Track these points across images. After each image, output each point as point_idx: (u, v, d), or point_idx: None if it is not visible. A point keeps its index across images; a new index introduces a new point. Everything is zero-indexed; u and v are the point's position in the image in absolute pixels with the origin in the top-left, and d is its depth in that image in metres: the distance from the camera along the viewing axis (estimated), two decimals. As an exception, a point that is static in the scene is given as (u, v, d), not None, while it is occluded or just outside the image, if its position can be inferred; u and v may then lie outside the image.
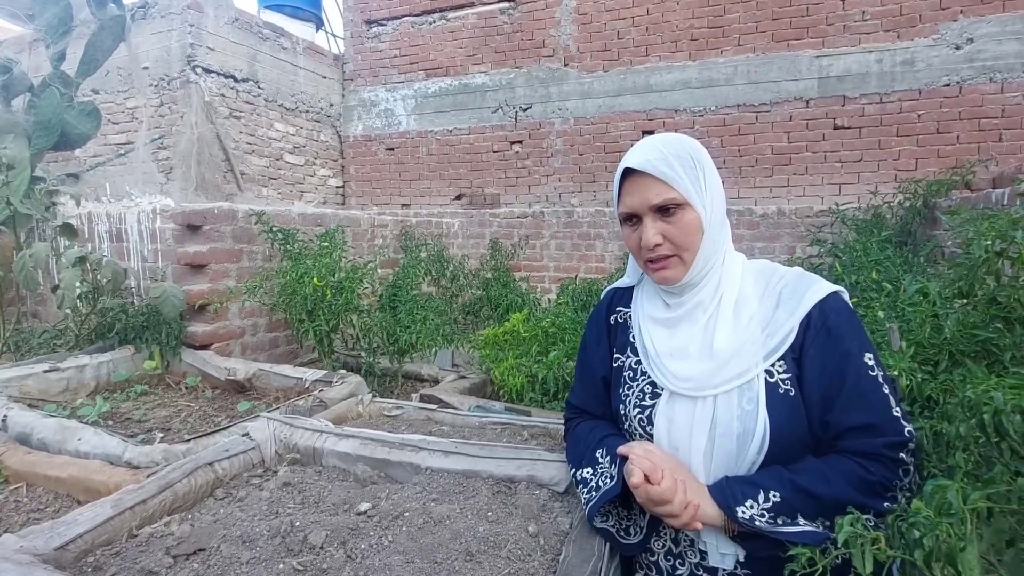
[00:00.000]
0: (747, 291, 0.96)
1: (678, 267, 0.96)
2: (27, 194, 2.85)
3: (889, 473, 0.83)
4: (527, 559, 0.98)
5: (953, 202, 3.44)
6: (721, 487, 0.88)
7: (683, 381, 0.94)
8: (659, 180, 0.92)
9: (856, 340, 0.89)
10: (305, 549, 1.01)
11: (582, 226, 5.20)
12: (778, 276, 0.97)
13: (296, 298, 2.81)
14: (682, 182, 0.92)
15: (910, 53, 4.57)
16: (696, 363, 0.94)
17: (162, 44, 5.07)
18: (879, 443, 0.83)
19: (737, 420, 0.89)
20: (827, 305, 0.90)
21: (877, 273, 2.75)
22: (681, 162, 0.93)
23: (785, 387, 0.89)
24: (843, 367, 0.87)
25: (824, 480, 0.83)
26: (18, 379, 2.19)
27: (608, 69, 5.52)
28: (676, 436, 0.93)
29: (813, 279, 0.94)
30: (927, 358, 1.43)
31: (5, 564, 0.88)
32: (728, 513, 0.85)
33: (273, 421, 1.49)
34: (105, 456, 1.61)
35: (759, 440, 0.87)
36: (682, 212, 0.93)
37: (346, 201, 6.82)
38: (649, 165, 0.93)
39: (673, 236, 0.94)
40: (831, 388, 0.87)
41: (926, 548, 0.60)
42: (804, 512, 0.83)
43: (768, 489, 0.84)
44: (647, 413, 0.97)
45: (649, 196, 0.93)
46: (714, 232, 0.95)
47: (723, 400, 0.90)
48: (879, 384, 0.86)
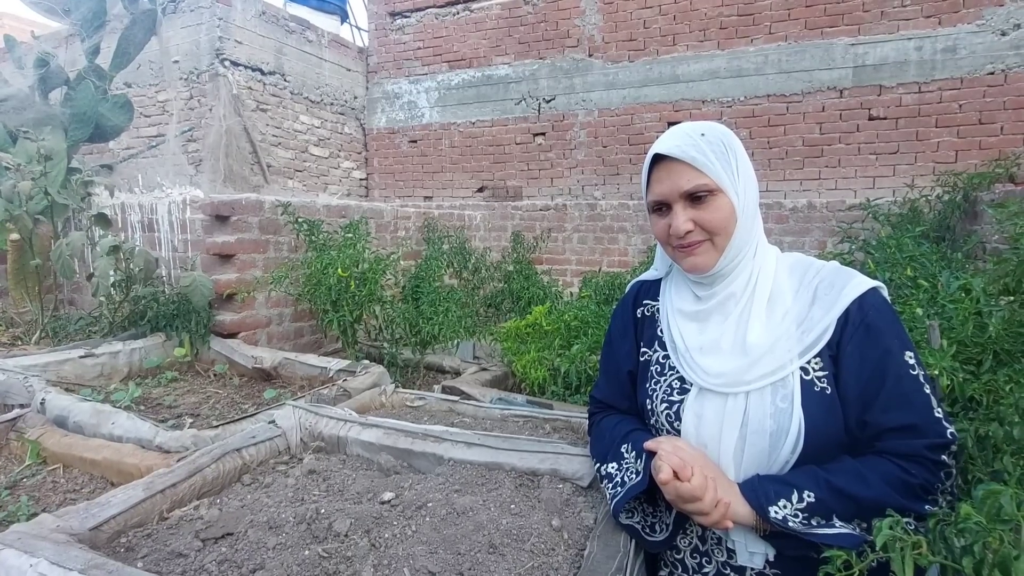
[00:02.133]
0: (781, 285, 0.93)
1: (709, 253, 0.93)
2: (64, 185, 2.94)
3: (930, 475, 0.79)
4: (551, 553, 0.97)
5: (996, 196, 3.30)
6: (753, 486, 0.85)
7: (714, 377, 0.91)
8: (689, 166, 0.90)
9: (897, 338, 0.85)
10: (330, 536, 1.02)
11: (605, 219, 5.14)
12: (814, 270, 0.93)
13: (321, 288, 2.84)
14: (714, 168, 0.89)
15: (952, 40, 4.38)
16: (728, 359, 0.91)
17: (191, 38, 5.16)
18: (921, 444, 0.80)
19: (771, 418, 0.86)
20: (866, 301, 0.87)
21: (912, 270, 2.66)
22: (712, 148, 0.90)
23: (821, 385, 0.86)
24: (883, 365, 0.83)
25: (862, 481, 0.80)
26: (56, 364, 2.26)
27: (634, 59, 5.43)
28: (705, 433, 0.91)
29: (851, 274, 0.90)
30: (969, 357, 1.37)
31: (43, 543, 0.90)
32: (760, 513, 0.82)
33: (299, 409, 1.51)
34: (137, 440, 1.65)
35: (793, 439, 0.84)
36: (713, 198, 0.90)
37: (369, 193, 6.88)
38: (679, 151, 0.90)
39: (705, 222, 0.91)
40: (870, 387, 0.84)
41: (976, 555, 0.57)
42: (840, 514, 0.80)
43: (802, 489, 0.81)
44: (675, 408, 0.95)
45: (680, 183, 0.91)
46: (747, 220, 0.92)
47: (756, 397, 0.87)
48: (920, 384, 0.83)
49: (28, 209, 2.82)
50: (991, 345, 1.32)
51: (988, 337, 1.33)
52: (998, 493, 0.59)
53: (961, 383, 1.27)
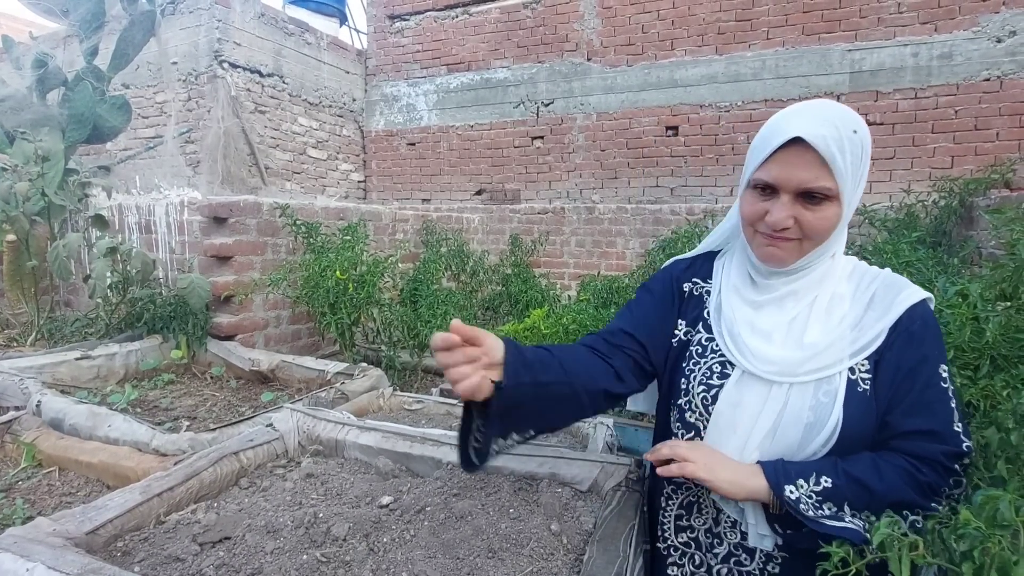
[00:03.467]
0: (841, 290, 0.93)
1: (792, 252, 0.89)
2: (61, 185, 2.93)
3: (939, 479, 0.81)
4: (550, 558, 0.97)
5: (992, 201, 3.32)
6: (775, 465, 0.86)
7: (765, 363, 0.90)
8: (822, 163, 0.82)
9: (935, 349, 0.87)
10: (328, 541, 1.02)
11: (603, 223, 5.15)
12: (870, 276, 0.94)
13: (319, 291, 2.84)
14: (845, 174, 0.82)
15: (948, 46, 4.41)
16: (780, 350, 0.90)
17: (190, 39, 5.16)
18: (937, 450, 0.82)
19: (810, 410, 0.86)
20: (916, 311, 0.88)
21: (909, 275, 2.67)
22: (852, 149, 0.82)
23: (864, 387, 0.87)
24: (916, 373, 0.85)
25: (877, 473, 0.82)
26: (51, 366, 2.25)
27: (632, 63, 5.45)
28: (740, 417, 0.90)
29: (905, 283, 0.92)
30: (966, 363, 1.37)
31: (39, 547, 0.90)
32: (776, 490, 0.83)
33: (296, 412, 1.50)
34: (134, 443, 1.65)
35: (827, 434, 0.85)
36: (828, 204, 0.84)
37: (367, 195, 6.87)
38: (823, 143, 0.81)
39: (808, 224, 0.85)
40: (900, 390, 0.86)
41: (976, 561, 0.57)
42: (852, 503, 0.82)
43: (820, 474, 0.83)
44: (712, 392, 0.93)
45: (805, 177, 0.83)
46: (842, 231, 0.91)
47: (798, 390, 0.88)
48: (948, 396, 0.85)
49: (25, 210, 2.81)
50: (988, 351, 1.32)
51: (985, 343, 1.33)
52: (996, 498, 0.60)
53: (959, 388, 1.27)
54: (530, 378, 0.87)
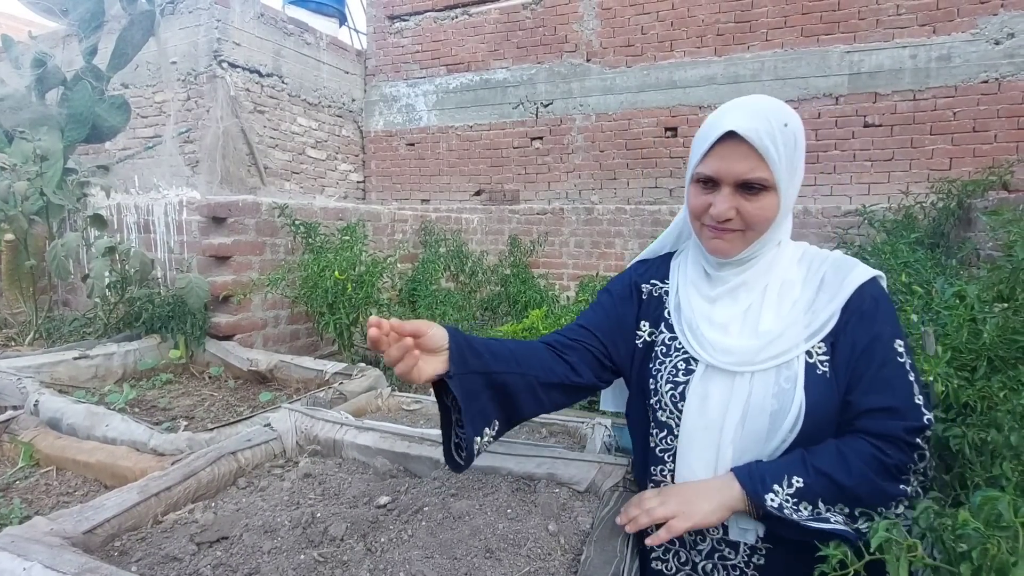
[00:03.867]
0: (791, 276, 0.95)
1: (737, 243, 0.92)
2: (60, 185, 2.93)
3: (904, 456, 0.83)
4: (547, 558, 0.97)
5: (990, 203, 3.33)
6: (749, 471, 0.87)
7: (724, 354, 0.92)
8: (757, 154, 0.85)
9: (888, 325, 0.89)
10: (326, 541, 1.02)
11: (602, 223, 5.15)
12: (820, 259, 0.96)
13: (317, 291, 2.83)
14: (779, 164, 0.86)
15: (946, 48, 4.42)
16: (737, 340, 0.92)
17: (190, 39, 5.15)
18: (898, 426, 0.83)
19: (773, 398, 0.88)
20: (865, 290, 0.90)
21: (907, 276, 2.67)
22: (785, 140, 0.86)
23: (823, 368, 0.89)
24: (871, 350, 0.87)
25: (844, 464, 0.83)
26: (49, 365, 2.24)
27: (631, 65, 5.45)
28: (709, 412, 0.91)
29: (854, 263, 0.94)
30: (964, 363, 1.37)
31: (36, 546, 0.90)
32: (756, 500, 0.85)
33: (294, 412, 1.50)
34: (132, 442, 1.64)
35: (792, 419, 0.86)
36: (765, 194, 0.88)
37: (366, 196, 6.87)
38: (756, 136, 0.84)
39: (748, 214, 0.89)
40: (858, 370, 0.87)
41: (974, 562, 0.57)
42: (824, 497, 0.83)
43: (792, 474, 0.85)
44: (680, 389, 0.95)
45: (741, 168, 0.87)
46: (784, 219, 0.93)
47: (760, 378, 0.89)
48: (905, 371, 0.86)
49: (23, 209, 2.80)
50: (985, 352, 1.32)
51: (982, 344, 1.33)
52: (995, 499, 0.60)
53: (956, 389, 1.27)
54: (479, 366, 0.91)
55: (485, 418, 0.94)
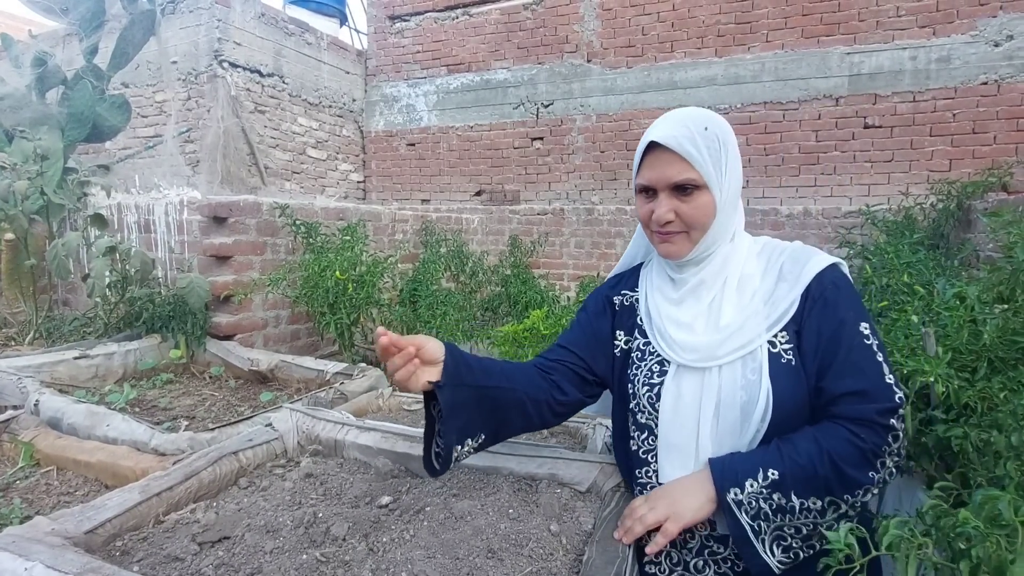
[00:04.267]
0: (750, 269, 0.98)
1: (684, 243, 0.98)
2: (60, 184, 2.93)
3: (879, 439, 0.84)
4: (549, 558, 0.97)
5: (989, 204, 3.33)
6: (723, 463, 0.90)
7: (689, 352, 0.96)
8: (682, 158, 0.93)
9: (852, 310, 0.91)
10: (328, 540, 1.02)
11: (602, 224, 5.15)
12: (779, 251, 0.99)
13: (318, 291, 2.83)
14: (704, 164, 0.93)
15: (946, 50, 4.43)
16: (701, 336, 0.96)
17: (190, 39, 5.15)
18: (871, 409, 0.85)
19: (741, 389, 0.91)
20: (825, 277, 0.93)
21: (909, 276, 2.67)
22: (707, 142, 0.93)
23: (787, 357, 0.91)
24: (838, 336, 0.89)
25: (819, 453, 0.85)
26: (50, 365, 2.24)
27: (632, 65, 5.46)
28: (683, 409, 0.95)
29: (812, 252, 0.97)
30: (964, 364, 1.38)
31: (38, 546, 0.90)
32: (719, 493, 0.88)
33: (296, 412, 1.50)
34: (132, 442, 1.64)
35: (762, 408, 0.89)
36: (699, 193, 0.94)
37: (367, 196, 6.87)
38: (675, 142, 0.92)
39: (685, 215, 0.95)
40: (826, 356, 0.89)
41: (974, 559, 0.57)
42: (797, 489, 0.85)
43: (768, 467, 0.86)
44: (655, 390, 0.99)
45: (670, 173, 0.94)
46: (725, 215, 0.97)
47: (728, 371, 0.92)
48: (873, 352, 0.88)
49: (24, 209, 2.80)
50: (985, 353, 1.33)
51: (983, 345, 1.34)
52: (996, 498, 0.60)
53: (956, 390, 1.28)
54: (471, 380, 0.97)
55: (469, 429, 1.00)
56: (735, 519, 0.87)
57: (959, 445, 0.93)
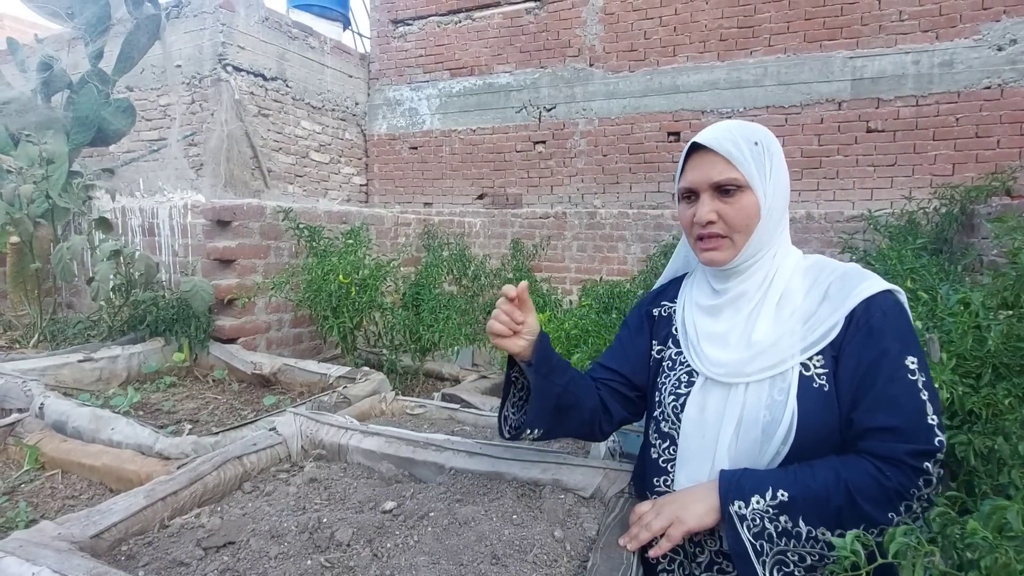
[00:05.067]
0: (794, 286, 0.95)
1: (728, 249, 0.95)
2: (65, 188, 2.94)
3: (907, 480, 0.79)
4: (553, 564, 0.97)
5: (993, 209, 3.33)
6: (730, 475, 0.88)
7: (717, 366, 0.94)
8: (723, 159, 0.92)
9: (898, 341, 0.85)
10: (332, 546, 1.02)
11: (605, 228, 5.15)
12: (829, 270, 0.95)
13: (321, 294, 2.84)
14: (747, 164, 0.92)
15: (949, 54, 4.42)
16: (733, 351, 0.94)
17: (194, 43, 5.18)
18: (902, 448, 0.79)
19: (766, 409, 0.88)
20: (874, 303, 0.87)
21: (912, 282, 2.67)
22: (749, 145, 0.92)
23: (820, 382, 0.87)
24: (877, 366, 0.84)
25: (837, 485, 0.81)
26: (54, 368, 2.25)
27: (634, 69, 5.46)
28: (706, 422, 0.94)
29: (865, 276, 0.91)
30: (968, 371, 1.37)
31: (44, 551, 0.90)
32: (723, 502, 0.86)
33: (299, 416, 1.50)
34: (137, 446, 1.65)
35: (784, 430, 0.86)
36: (741, 194, 0.92)
37: (369, 199, 6.89)
38: (716, 143, 0.92)
39: (728, 216, 0.93)
40: (862, 387, 0.85)
41: (983, 570, 0.57)
42: (807, 515, 0.82)
43: (778, 487, 0.84)
44: (681, 400, 0.97)
45: (711, 173, 0.93)
46: (771, 222, 0.94)
47: (754, 389, 0.90)
48: (916, 389, 0.82)
49: (29, 212, 2.82)
50: (990, 359, 1.32)
51: (987, 351, 1.33)
52: (1004, 508, 0.60)
53: (961, 396, 1.27)
54: (547, 369, 0.99)
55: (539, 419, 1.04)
56: (736, 533, 0.84)
57: (963, 453, 0.92)
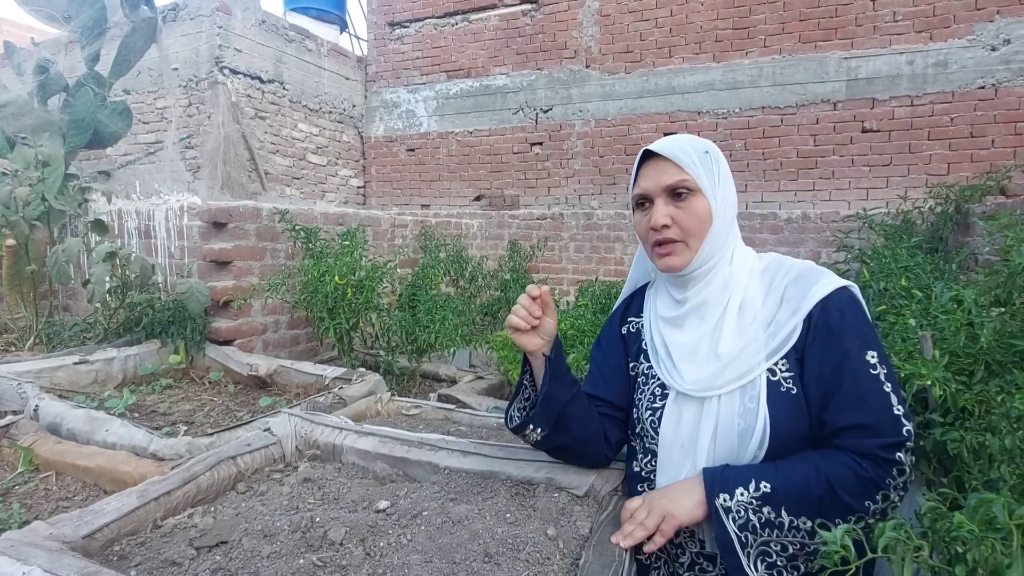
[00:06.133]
0: (752, 291, 0.97)
1: (683, 254, 0.97)
2: (61, 190, 2.94)
3: (882, 472, 0.82)
4: (546, 562, 0.97)
5: (987, 208, 3.34)
6: (714, 471, 0.90)
7: (688, 382, 0.96)
8: (675, 164, 0.96)
9: (858, 338, 0.88)
10: (325, 545, 1.02)
11: (601, 228, 5.16)
12: (783, 271, 0.97)
13: (317, 296, 2.84)
14: (696, 168, 0.95)
15: (943, 54, 4.44)
16: (703, 365, 0.95)
17: (191, 45, 5.18)
18: (874, 444, 0.83)
19: (739, 417, 0.90)
20: (830, 303, 0.90)
21: (907, 280, 2.68)
22: (698, 153, 0.97)
23: (787, 386, 0.90)
24: (841, 367, 0.87)
25: (816, 476, 0.84)
26: (49, 370, 2.25)
27: (630, 71, 5.48)
28: (682, 434, 0.95)
29: (819, 275, 0.93)
30: (961, 368, 1.38)
31: (36, 550, 0.90)
32: (708, 496, 0.87)
33: (294, 417, 1.50)
34: (131, 447, 1.64)
35: (759, 436, 0.88)
36: (693, 198, 0.95)
37: (366, 201, 6.89)
38: (667, 149, 0.97)
39: (682, 220, 0.96)
40: (829, 388, 0.87)
41: (969, 563, 0.58)
42: (789, 506, 0.84)
43: (760, 479, 0.86)
44: (657, 414, 1.00)
45: (663, 178, 0.97)
46: (723, 226, 0.97)
47: (727, 399, 0.92)
48: (879, 383, 0.85)
49: (25, 215, 2.81)
50: (983, 356, 1.33)
51: (980, 348, 1.34)
52: (990, 502, 0.60)
53: (954, 393, 1.28)
54: (559, 371, 1.03)
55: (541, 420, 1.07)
56: (722, 526, 0.86)
57: (955, 449, 0.93)
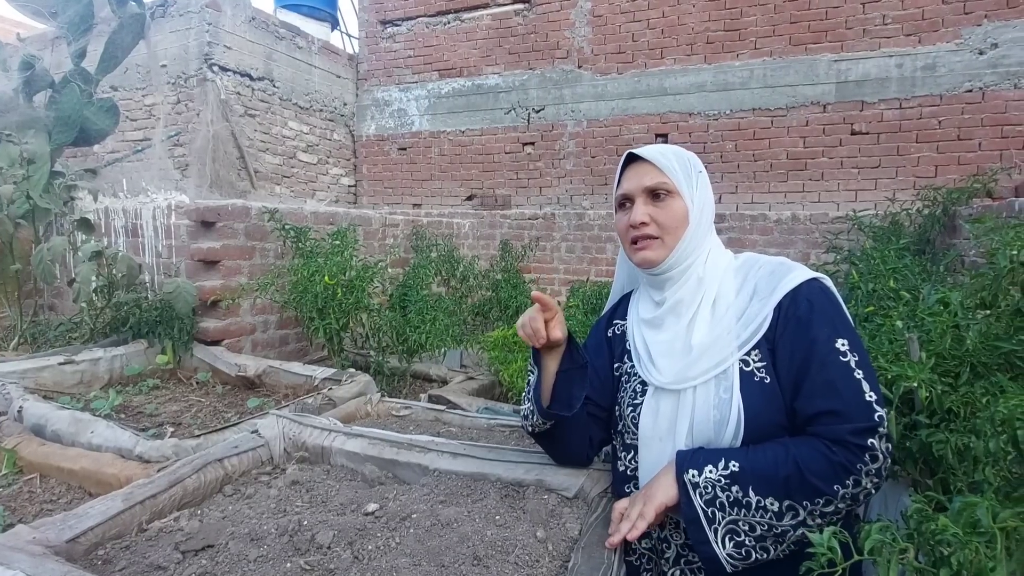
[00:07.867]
0: (726, 288, 1.01)
1: (659, 248, 1.02)
2: (46, 188, 2.89)
3: (853, 457, 0.83)
4: (535, 565, 0.97)
5: (974, 210, 3.38)
6: (684, 453, 0.93)
7: (664, 376, 0.99)
8: (655, 167, 1.02)
9: (827, 327, 0.90)
10: (312, 548, 1.01)
11: (593, 229, 5.17)
12: (757, 267, 1.01)
13: (307, 296, 2.82)
14: (675, 172, 1.02)
15: (931, 58, 4.49)
16: (678, 358, 0.99)
17: (180, 42, 5.13)
18: (844, 429, 0.84)
19: (714, 408, 0.93)
20: (800, 293, 0.93)
21: (895, 282, 2.70)
22: (679, 159, 1.03)
23: (760, 375, 0.92)
24: (810, 355, 0.89)
25: (785, 457, 0.86)
26: (34, 371, 2.21)
27: (622, 71, 5.49)
28: (660, 427, 0.98)
29: (790, 268, 0.97)
30: (947, 370, 1.39)
31: (18, 555, 0.88)
32: (678, 470, 0.91)
33: (282, 419, 1.49)
34: (117, 449, 1.62)
35: (734, 426, 0.91)
36: (671, 199, 1.01)
37: (358, 200, 6.85)
38: (649, 154, 1.03)
39: (659, 218, 1.01)
40: (800, 376, 0.90)
41: (954, 566, 0.58)
42: (756, 486, 0.86)
43: (730, 459, 0.88)
44: (637, 410, 1.03)
45: (644, 180, 1.03)
46: (699, 228, 1.02)
47: (702, 391, 0.95)
48: (850, 370, 0.87)
49: (9, 213, 2.77)
50: (968, 358, 1.34)
51: (965, 350, 1.35)
52: (974, 505, 0.61)
53: (939, 395, 1.29)
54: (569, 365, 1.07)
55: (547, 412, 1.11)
56: (689, 499, 0.89)
57: (940, 451, 0.94)
